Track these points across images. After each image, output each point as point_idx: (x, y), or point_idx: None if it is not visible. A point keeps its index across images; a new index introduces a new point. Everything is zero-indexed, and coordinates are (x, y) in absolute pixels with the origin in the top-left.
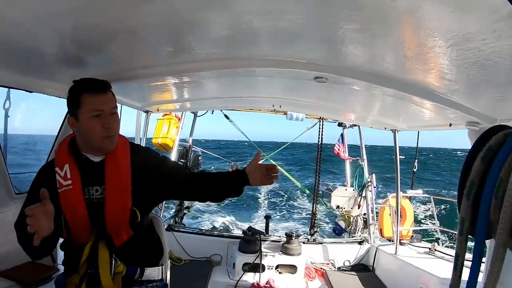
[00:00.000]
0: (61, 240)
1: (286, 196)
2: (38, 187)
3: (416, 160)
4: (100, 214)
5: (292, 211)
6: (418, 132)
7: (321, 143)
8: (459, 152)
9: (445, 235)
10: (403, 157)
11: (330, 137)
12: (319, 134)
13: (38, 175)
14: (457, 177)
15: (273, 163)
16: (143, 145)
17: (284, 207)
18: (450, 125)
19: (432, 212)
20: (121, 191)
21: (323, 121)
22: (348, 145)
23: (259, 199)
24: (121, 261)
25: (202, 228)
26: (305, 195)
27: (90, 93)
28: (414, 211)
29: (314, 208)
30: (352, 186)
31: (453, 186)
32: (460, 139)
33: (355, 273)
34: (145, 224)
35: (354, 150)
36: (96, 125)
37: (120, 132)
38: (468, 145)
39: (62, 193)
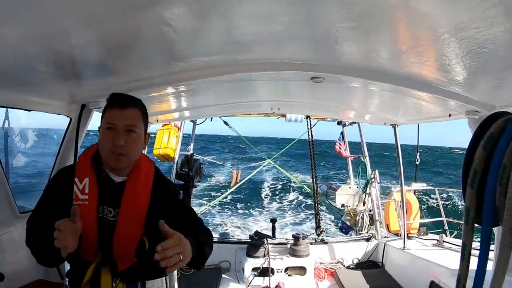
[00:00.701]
0: None
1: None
2: (56, 189)
3: (418, 153)
4: (109, 238)
5: (297, 211)
6: (418, 125)
7: (312, 140)
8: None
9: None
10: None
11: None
12: (308, 133)
13: (58, 176)
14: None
15: (274, 164)
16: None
17: (290, 208)
18: (450, 115)
19: (438, 203)
20: (134, 219)
21: (310, 119)
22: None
23: (262, 202)
24: (121, 280)
25: None
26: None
27: (110, 106)
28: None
29: (317, 208)
30: (355, 183)
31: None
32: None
33: (365, 270)
34: (153, 252)
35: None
36: (107, 138)
37: None
38: (464, 143)
39: (77, 206)
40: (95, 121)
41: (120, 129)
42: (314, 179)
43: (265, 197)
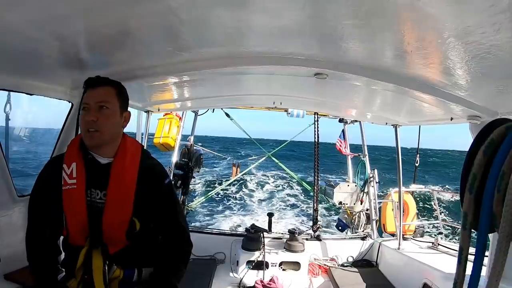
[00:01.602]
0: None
1: (288, 192)
2: (46, 181)
3: (418, 155)
4: (98, 220)
5: (294, 207)
6: (420, 126)
7: (318, 138)
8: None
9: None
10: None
11: (331, 135)
12: (315, 129)
13: (46, 168)
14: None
15: (275, 160)
16: (145, 146)
17: (286, 203)
18: (451, 119)
19: (435, 206)
20: (123, 199)
21: (318, 116)
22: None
23: (260, 197)
24: (117, 265)
25: (206, 226)
26: (307, 191)
27: (86, 88)
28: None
29: (315, 204)
30: (354, 181)
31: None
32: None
33: (359, 269)
34: (145, 232)
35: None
36: (82, 119)
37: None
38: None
39: (66, 191)
40: None
41: (92, 106)
42: (316, 175)
43: (262, 191)
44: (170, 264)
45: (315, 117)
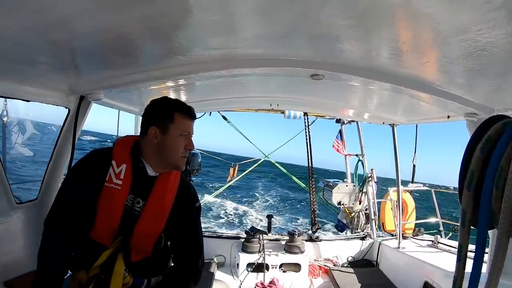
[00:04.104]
0: None
1: (286, 193)
2: (90, 170)
3: (415, 154)
4: (131, 226)
5: (293, 208)
6: (417, 125)
7: (309, 139)
8: None
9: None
10: None
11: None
12: (306, 129)
13: (91, 157)
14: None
15: (273, 161)
16: None
17: (286, 205)
18: (448, 117)
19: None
20: (159, 212)
21: (308, 116)
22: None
23: (258, 199)
24: (129, 273)
25: (205, 229)
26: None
27: (184, 114)
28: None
29: (312, 205)
30: (352, 181)
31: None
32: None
33: (359, 269)
34: (165, 248)
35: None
36: (181, 143)
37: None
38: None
39: (108, 188)
40: (93, 113)
41: (190, 137)
42: (310, 176)
43: (261, 193)
44: (182, 278)
45: (305, 119)
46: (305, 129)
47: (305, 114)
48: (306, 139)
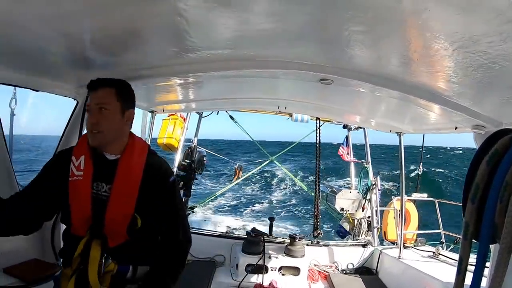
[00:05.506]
0: (62, 229)
1: (290, 197)
2: (53, 168)
3: (421, 164)
4: (102, 213)
5: (296, 212)
6: (424, 134)
7: (319, 143)
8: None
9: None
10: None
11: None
12: (316, 134)
13: (56, 157)
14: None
15: (278, 164)
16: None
17: (288, 208)
18: (456, 128)
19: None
20: (127, 194)
21: (320, 122)
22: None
23: (262, 201)
24: (113, 260)
25: (206, 228)
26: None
27: (88, 89)
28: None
29: (316, 210)
30: (356, 188)
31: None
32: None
33: (359, 276)
34: (146, 230)
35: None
36: (87, 120)
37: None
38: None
39: (72, 182)
40: None
41: (93, 108)
42: (317, 181)
43: (265, 195)
44: (167, 264)
45: (317, 123)
46: (316, 133)
47: (317, 118)
48: (316, 143)
